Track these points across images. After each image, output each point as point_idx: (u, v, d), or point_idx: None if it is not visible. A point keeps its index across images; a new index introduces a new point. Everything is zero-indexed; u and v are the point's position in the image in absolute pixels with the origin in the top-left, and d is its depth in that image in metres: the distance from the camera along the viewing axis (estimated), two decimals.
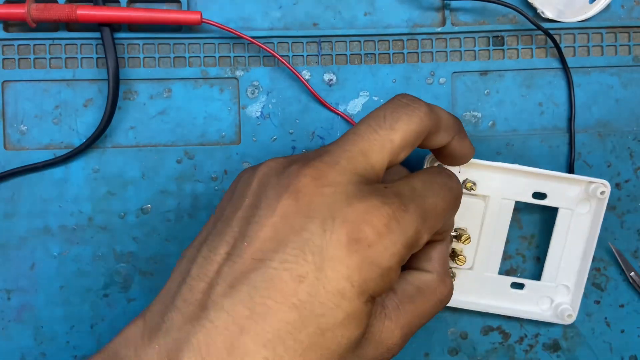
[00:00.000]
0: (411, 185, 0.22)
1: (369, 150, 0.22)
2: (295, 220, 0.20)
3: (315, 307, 0.19)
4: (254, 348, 0.19)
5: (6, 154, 0.31)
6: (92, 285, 0.31)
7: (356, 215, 0.20)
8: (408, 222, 0.21)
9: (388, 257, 0.20)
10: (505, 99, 0.32)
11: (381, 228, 0.20)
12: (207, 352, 0.19)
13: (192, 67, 0.31)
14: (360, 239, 0.20)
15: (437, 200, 0.23)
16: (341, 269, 0.20)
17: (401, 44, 0.32)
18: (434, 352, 0.32)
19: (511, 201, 0.30)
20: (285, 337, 0.19)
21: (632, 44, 0.32)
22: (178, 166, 0.31)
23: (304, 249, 0.20)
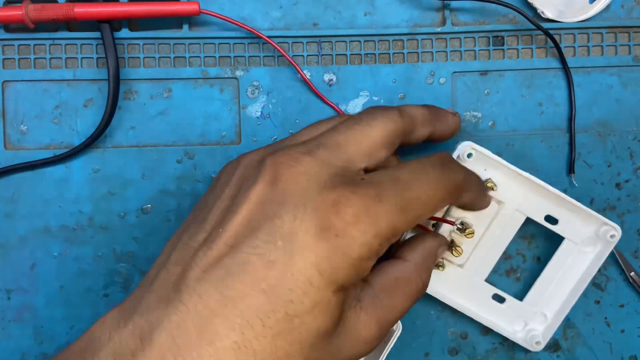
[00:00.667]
0: (395, 175, 0.22)
1: (345, 144, 0.22)
2: (269, 207, 0.21)
3: (284, 293, 0.20)
4: (223, 331, 0.19)
5: (6, 154, 0.31)
6: (92, 285, 0.31)
7: (326, 204, 0.20)
8: (380, 213, 0.21)
9: (357, 247, 0.20)
10: (506, 99, 0.32)
11: (349, 218, 0.20)
12: (178, 333, 0.20)
13: (192, 67, 0.31)
14: (328, 228, 0.20)
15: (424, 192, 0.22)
16: (310, 256, 0.20)
17: (401, 44, 0.32)
18: (434, 352, 0.32)
19: (523, 215, 0.30)
20: (254, 322, 0.20)
21: (632, 44, 0.32)
22: (178, 166, 0.31)
23: (274, 235, 0.20)
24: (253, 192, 0.21)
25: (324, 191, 0.21)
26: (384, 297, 0.24)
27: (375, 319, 0.23)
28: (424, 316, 0.32)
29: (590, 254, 0.30)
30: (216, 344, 0.19)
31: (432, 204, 0.23)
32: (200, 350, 0.19)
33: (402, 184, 0.22)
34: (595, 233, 0.30)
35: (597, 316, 0.33)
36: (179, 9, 0.29)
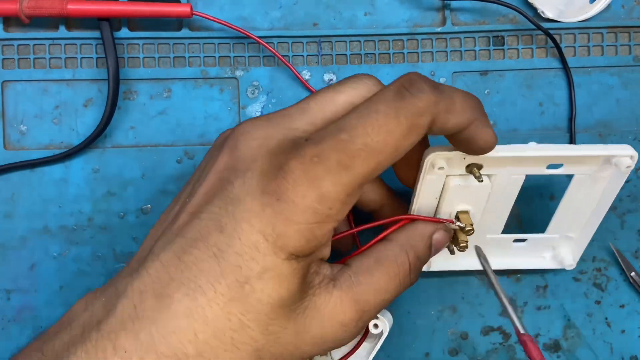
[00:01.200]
0: (340, 126, 0.20)
1: (307, 108, 0.22)
2: (224, 174, 0.21)
3: (232, 258, 0.20)
4: (178, 296, 0.20)
5: (6, 154, 0.31)
6: (92, 286, 0.31)
7: (270, 170, 0.20)
8: (320, 174, 0.19)
9: (300, 212, 0.19)
10: (506, 99, 0.32)
11: (288, 183, 0.20)
12: (140, 300, 0.20)
13: (192, 67, 0.31)
14: (270, 192, 0.20)
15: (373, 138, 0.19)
16: (254, 221, 0.20)
17: (401, 44, 0.32)
18: (434, 352, 0.32)
19: (521, 176, 0.27)
20: (206, 287, 0.20)
21: (632, 44, 0.32)
22: (178, 166, 0.31)
23: (226, 200, 0.20)
24: (216, 161, 0.22)
25: (271, 156, 0.21)
26: (362, 277, 0.23)
27: (351, 299, 0.22)
28: (424, 316, 0.32)
29: (607, 178, 0.27)
30: (170, 308, 0.20)
31: (388, 149, 0.20)
32: (156, 315, 0.20)
33: (344, 135, 0.19)
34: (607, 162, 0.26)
35: (597, 316, 0.33)
36: (171, 11, 0.29)
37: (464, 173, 0.26)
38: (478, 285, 0.32)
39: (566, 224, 0.29)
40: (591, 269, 0.33)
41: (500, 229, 0.29)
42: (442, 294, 0.32)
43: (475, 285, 0.32)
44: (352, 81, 0.23)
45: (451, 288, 0.32)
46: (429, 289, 0.32)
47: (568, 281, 0.33)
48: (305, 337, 0.21)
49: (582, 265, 0.32)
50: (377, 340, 0.28)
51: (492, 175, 0.26)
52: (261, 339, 0.20)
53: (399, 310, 0.32)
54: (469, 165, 0.26)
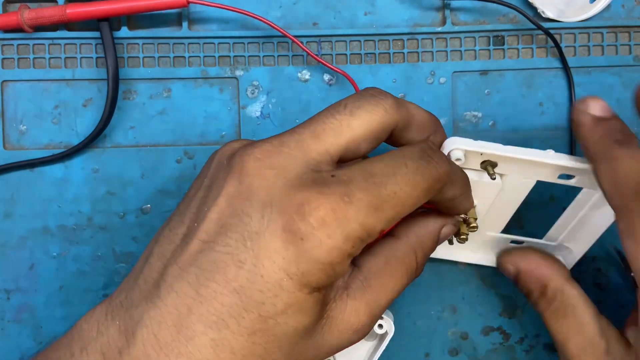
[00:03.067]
0: (369, 170, 0.21)
1: (322, 134, 0.21)
2: (237, 203, 0.20)
3: (255, 295, 0.20)
4: (201, 328, 0.20)
5: (6, 154, 0.31)
6: (91, 286, 0.31)
7: (292, 206, 0.20)
8: (350, 214, 0.19)
9: (325, 251, 0.19)
10: (506, 99, 0.32)
11: (314, 222, 0.19)
12: (159, 329, 0.20)
13: (192, 67, 0.31)
14: (294, 231, 0.19)
15: (402, 188, 0.21)
16: (277, 259, 0.19)
17: (401, 44, 0.32)
18: (434, 352, 0.32)
19: (532, 180, 0.27)
20: (228, 321, 0.20)
21: (632, 44, 0.32)
22: (178, 166, 0.31)
23: (243, 234, 0.20)
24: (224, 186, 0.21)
25: (291, 190, 0.20)
26: (372, 280, 0.23)
27: (364, 304, 0.22)
28: (424, 316, 0.32)
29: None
30: (195, 340, 0.20)
31: (410, 201, 0.21)
32: (180, 346, 0.20)
33: (376, 180, 0.20)
34: None
35: None
36: (166, 2, 0.29)
37: (479, 169, 0.26)
38: (478, 285, 0.32)
39: (565, 234, 0.30)
40: (591, 268, 0.33)
41: (500, 229, 0.30)
42: (442, 294, 0.32)
43: (475, 286, 0.32)
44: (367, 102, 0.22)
45: (451, 288, 0.32)
46: (429, 289, 0.32)
47: None
48: (323, 348, 0.22)
49: (582, 265, 0.32)
50: (382, 341, 0.29)
51: (504, 175, 0.27)
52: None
53: (399, 311, 0.32)
54: (484, 162, 0.26)
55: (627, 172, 0.23)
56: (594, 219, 0.29)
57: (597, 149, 0.24)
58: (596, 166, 0.24)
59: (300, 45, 0.29)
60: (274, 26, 0.30)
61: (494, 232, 0.30)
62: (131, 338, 0.20)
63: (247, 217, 0.20)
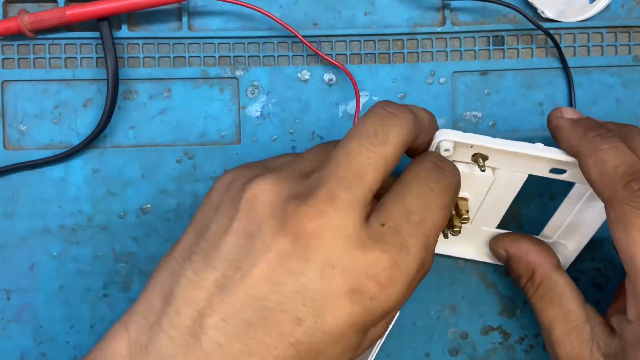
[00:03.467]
0: (407, 208, 0.22)
1: (364, 173, 0.21)
2: (292, 263, 0.20)
3: (313, 346, 0.20)
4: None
5: (6, 154, 0.31)
6: (92, 285, 0.31)
7: (357, 268, 0.20)
8: (410, 263, 0.21)
9: (391, 303, 0.20)
10: (506, 99, 0.32)
11: (383, 280, 0.20)
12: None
13: (192, 67, 0.31)
14: (361, 291, 0.20)
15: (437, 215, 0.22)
16: (341, 316, 0.20)
17: (401, 44, 0.32)
18: (434, 352, 0.32)
19: (524, 174, 0.27)
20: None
21: (632, 44, 0.32)
22: (178, 166, 0.31)
23: (302, 294, 0.20)
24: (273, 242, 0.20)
25: (352, 251, 0.20)
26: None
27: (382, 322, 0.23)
28: (424, 316, 0.32)
29: None
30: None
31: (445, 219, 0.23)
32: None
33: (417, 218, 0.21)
34: None
35: None
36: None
37: (469, 161, 0.27)
38: (478, 285, 0.32)
39: (561, 231, 0.30)
40: (590, 268, 0.33)
41: (496, 224, 0.30)
42: (442, 294, 0.32)
43: (475, 285, 0.32)
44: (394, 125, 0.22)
45: (451, 288, 0.32)
46: (429, 289, 0.32)
47: None
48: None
49: (581, 265, 0.32)
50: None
51: (496, 169, 0.27)
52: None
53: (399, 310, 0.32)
54: (474, 155, 0.26)
55: (613, 163, 0.24)
56: (588, 214, 0.29)
57: (580, 144, 0.25)
58: (582, 161, 0.25)
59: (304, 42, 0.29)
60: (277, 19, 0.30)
61: (490, 227, 0.30)
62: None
63: (305, 277, 0.20)
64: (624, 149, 0.24)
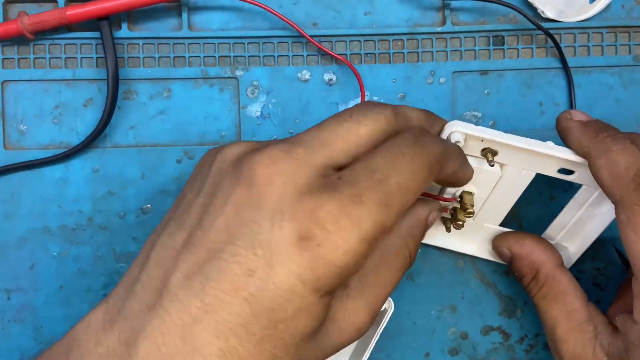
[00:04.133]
0: (370, 166, 0.21)
1: (330, 141, 0.21)
2: (246, 211, 0.20)
3: (266, 302, 0.19)
4: (207, 338, 0.19)
5: (6, 154, 0.31)
6: (92, 285, 0.31)
7: (304, 213, 0.19)
8: (362, 215, 0.20)
9: (341, 255, 0.19)
10: (506, 99, 0.32)
11: (329, 226, 0.19)
12: (163, 341, 0.19)
13: (192, 67, 0.31)
14: (309, 237, 0.19)
15: (404, 177, 0.21)
16: (291, 266, 0.19)
17: (401, 44, 0.32)
18: (434, 352, 0.32)
19: (532, 173, 0.28)
20: (237, 329, 0.19)
21: (632, 44, 0.32)
22: (178, 166, 0.31)
23: (253, 243, 0.20)
24: (230, 193, 0.20)
25: (302, 197, 0.20)
26: (370, 277, 0.23)
27: (364, 302, 0.23)
28: (424, 316, 0.32)
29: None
30: (201, 350, 0.19)
31: (415, 187, 0.21)
32: (186, 357, 0.19)
33: (379, 175, 0.20)
34: None
35: None
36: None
37: (479, 156, 0.27)
38: (478, 285, 0.32)
39: (564, 233, 0.30)
40: (590, 268, 0.33)
41: (499, 221, 0.30)
42: (442, 293, 0.32)
43: (475, 285, 0.32)
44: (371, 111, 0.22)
45: (451, 288, 0.32)
46: (429, 289, 0.32)
47: None
48: (327, 349, 0.22)
49: (581, 265, 0.33)
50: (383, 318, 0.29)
51: (505, 165, 0.27)
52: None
53: (399, 310, 0.32)
54: (484, 149, 0.27)
55: (625, 164, 0.24)
56: (592, 218, 0.29)
57: (591, 145, 0.25)
58: (592, 162, 0.25)
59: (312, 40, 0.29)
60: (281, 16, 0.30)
61: (493, 224, 0.30)
62: (133, 350, 0.20)
63: (257, 225, 0.20)
64: (635, 151, 0.24)
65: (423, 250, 0.32)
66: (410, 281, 0.32)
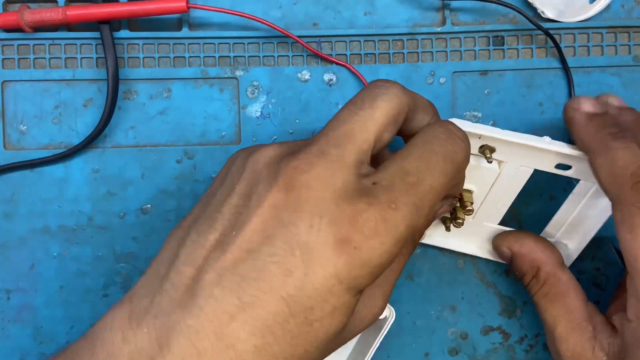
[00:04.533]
0: (404, 168, 0.22)
1: (352, 132, 0.22)
2: (284, 214, 0.20)
3: (304, 301, 0.20)
4: (243, 336, 0.19)
5: (6, 154, 0.31)
6: (92, 286, 0.31)
7: (343, 218, 0.20)
8: (397, 219, 0.21)
9: (377, 257, 0.20)
10: (506, 99, 0.32)
11: (367, 231, 0.20)
12: (198, 338, 0.20)
13: (192, 67, 0.31)
14: (347, 241, 0.20)
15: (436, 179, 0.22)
16: (329, 267, 0.20)
17: (401, 44, 0.32)
18: (434, 352, 0.32)
19: (530, 169, 0.28)
20: (273, 327, 0.20)
21: (632, 44, 0.32)
22: (178, 166, 0.31)
23: (291, 244, 0.20)
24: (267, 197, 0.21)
25: (340, 202, 0.20)
26: None
27: (379, 289, 0.23)
28: (424, 316, 0.32)
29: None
30: (236, 347, 0.19)
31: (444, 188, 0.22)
32: (221, 354, 0.19)
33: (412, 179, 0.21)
34: None
35: None
36: (166, 7, 0.29)
37: (477, 153, 0.27)
38: (478, 285, 0.32)
39: (563, 230, 0.30)
40: (590, 268, 0.33)
41: (498, 219, 0.30)
42: (442, 293, 0.32)
43: (475, 285, 0.32)
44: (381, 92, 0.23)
45: (451, 288, 0.32)
46: (429, 289, 0.32)
47: None
48: (347, 337, 0.23)
49: (581, 265, 0.33)
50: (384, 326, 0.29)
51: (503, 162, 0.28)
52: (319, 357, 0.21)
53: (399, 310, 0.32)
54: (482, 146, 0.27)
55: (624, 163, 0.24)
56: (590, 213, 0.29)
57: (592, 142, 0.25)
58: (592, 158, 0.25)
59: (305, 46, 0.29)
60: (276, 27, 0.30)
61: (492, 223, 0.30)
62: (165, 347, 0.20)
63: (295, 227, 0.20)
64: (635, 150, 0.24)
65: (423, 250, 0.32)
66: (410, 281, 0.32)
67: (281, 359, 0.20)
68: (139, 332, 0.20)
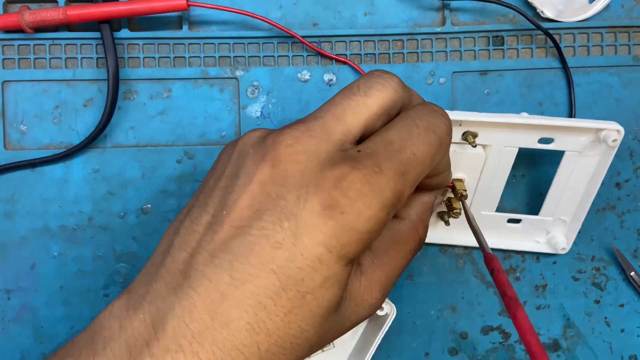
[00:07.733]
0: (386, 139, 0.22)
1: (342, 115, 0.22)
2: (271, 188, 0.21)
3: (294, 272, 0.20)
4: (236, 313, 0.20)
5: (6, 154, 0.31)
6: (92, 285, 0.31)
7: (328, 183, 0.20)
8: (382, 183, 0.21)
9: (364, 221, 0.20)
10: (506, 99, 0.32)
11: (352, 194, 0.20)
12: (191, 319, 0.20)
13: (192, 67, 0.31)
14: (333, 206, 0.20)
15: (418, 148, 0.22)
16: (317, 235, 0.20)
17: (401, 44, 0.32)
18: (434, 352, 0.32)
19: (514, 148, 0.29)
20: (266, 302, 0.20)
21: (631, 44, 0.32)
22: (178, 166, 0.31)
23: (280, 216, 0.20)
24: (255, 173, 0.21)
25: (325, 169, 0.21)
26: (382, 257, 0.24)
27: (376, 281, 0.23)
28: (424, 316, 0.32)
29: (595, 157, 0.29)
30: (230, 325, 0.20)
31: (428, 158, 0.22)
32: (214, 333, 0.19)
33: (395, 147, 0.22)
34: (595, 138, 0.29)
35: (597, 316, 0.33)
36: (167, 5, 0.29)
37: (460, 141, 0.28)
38: (478, 285, 0.32)
39: (559, 205, 0.30)
40: (590, 268, 0.33)
41: (494, 206, 0.31)
42: (442, 293, 0.32)
43: (475, 285, 0.32)
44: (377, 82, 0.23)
45: (451, 288, 0.32)
46: (429, 289, 0.32)
47: (567, 280, 0.33)
48: (345, 324, 0.23)
49: (581, 265, 0.33)
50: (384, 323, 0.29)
51: (487, 146, 0.29)
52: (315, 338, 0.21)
53: (399, 310, 0.32)
54: (464, 133, 0.28)
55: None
56: (582, 182, 0.30)
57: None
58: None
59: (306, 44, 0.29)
60: (277, 25, 0.30)
61: (489, 211, 0.31)
62: (160, 329, 0.20)
63: (283, 200, 0.20)
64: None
65: (423, 250, 0.32)
66: (410, 281, 0.32)
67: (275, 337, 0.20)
68: (135, 319, 0.20)
